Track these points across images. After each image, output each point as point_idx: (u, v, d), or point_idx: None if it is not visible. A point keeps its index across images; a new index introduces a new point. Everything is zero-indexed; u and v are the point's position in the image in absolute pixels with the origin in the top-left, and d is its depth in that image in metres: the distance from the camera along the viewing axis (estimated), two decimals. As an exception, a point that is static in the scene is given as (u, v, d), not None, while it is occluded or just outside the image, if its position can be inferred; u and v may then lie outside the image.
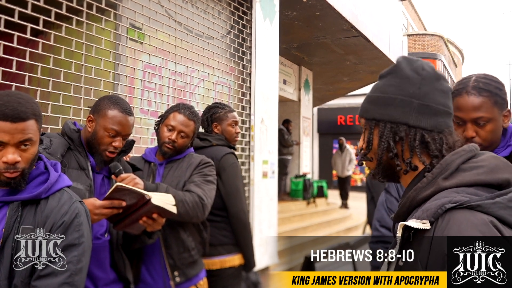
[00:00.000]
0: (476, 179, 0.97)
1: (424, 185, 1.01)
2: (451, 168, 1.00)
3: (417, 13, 21.19)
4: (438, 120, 1.06)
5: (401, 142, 1.05)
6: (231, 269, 2.48)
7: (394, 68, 1.10)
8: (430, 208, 0.93)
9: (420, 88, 1.06)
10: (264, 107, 5.09)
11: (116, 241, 1.91)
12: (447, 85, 1.09)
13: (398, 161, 1.07)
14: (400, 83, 1.07)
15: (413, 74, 1.07)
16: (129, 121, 1.89)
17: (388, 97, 1.07)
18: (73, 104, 3.08)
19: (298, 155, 9.79)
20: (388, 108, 1.07)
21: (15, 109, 1.30)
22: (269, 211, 5.11)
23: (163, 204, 1.81)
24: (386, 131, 1.06)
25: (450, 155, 1.02)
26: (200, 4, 4.42)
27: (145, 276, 2.16)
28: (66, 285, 1.32)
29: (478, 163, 1.00)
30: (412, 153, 1.05)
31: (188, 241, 2.19)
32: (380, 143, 1.07)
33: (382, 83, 1.10)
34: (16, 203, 1.36)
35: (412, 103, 1.05)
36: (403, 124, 1.05)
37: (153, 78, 3.82)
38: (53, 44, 2.99)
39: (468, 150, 1.03)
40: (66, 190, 1.45)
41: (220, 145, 2.58)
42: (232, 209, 2.49)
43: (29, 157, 1.35)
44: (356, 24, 6.72)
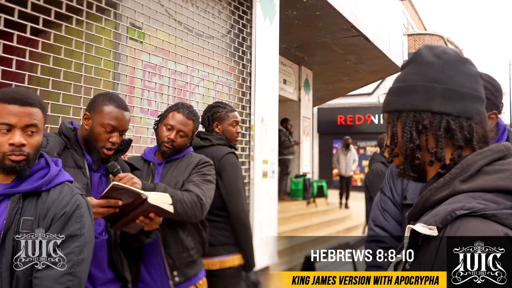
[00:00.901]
0: (497, 184, 0.87)
1: (440, 186, 0.93)
2: (471, 169, 0.91)
3: (417, 13, 21.19)
4: (465, 104, 0.96)
5: (425, 131, 0.97)
6: (230, 269, 2.48)
7: (415, 56, 1.03)
8: (439, 213, 0.86)
9: (443, 72, 0.97)
10: (264, 107, 5.09)
11: (114, 241, 1.91)
12: (475, 69, 1.00)
13: (419, 153, 0.98)
14: (421, 70, 0.99)
15: (434, 59, 0.99)
16: (125, 116, 1.90)
17: (410, 85, 0.99)
18: (73, 103, 3.08)
19: (298, 155, 9.79)
20: (409, 97, 0.99)
21: (23, 95, 1.39)
22: (269, 211, 5.11)
23: (160, 204, 1.80)
24: (408, 120, 0.98)
25: (474, 155, 0.93)
26: (200, 4, 4.42)
27: (144, 276, 2.15)
28: (68, 275, 1.33)
29: (503, 166, 0.90)
30: (438, 142, 0.96)
31: (187, 240, 2.19)
32: (403, 134, 0.99)
33: (403, 73, 1.03)
34: (17, 195, 1.37)
35: (435, 88, 0.96)
36: (426, 111, 0.96)
37: (153, 78, 3.82)
38: (53, 43, 2.99)
39: (496, 150, 0.93)
40: (67, 184, 1.46)
41: (220, 144, 2.57)
42: (232, 209, 2.48)
43: (34, 143, 1.40)
44: (356, 24, 6.72)
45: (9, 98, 1.37)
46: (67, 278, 1.32)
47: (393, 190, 1.82)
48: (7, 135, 1.36)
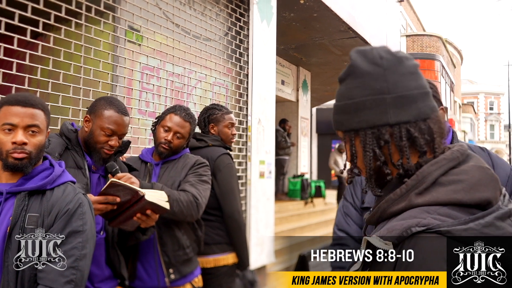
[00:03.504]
0: (452, 197, 0.86)
1: (396, 198, 0.91)
2: (426, 181, 0.89)
3: (415, 14, 21.22)
4: (418, 106, 0.94)
5: (387, 145, 0.94)
6: (225, 268, 2.53)
7: (351, 68, 0.98)
8: (395, 229, 0.85)
9: (387, 80, 0.93)
10: (261, 108, 5.14)
11: (111, 239, 1.97)
12: (412, 63, 0.97)
13: (387, 169, 0.95)
14: (364, 82, 0.95)
15: (373, 68, 0.95)
16: (125, 121, 1.95)
17: (358, 101, 0.95)
18: (72, 105, 3.12)
19: (296, 155, 9.83)
20: (361, 114, 0.95)
21: (25, 97, 1.48)
22: (266, 211, 5.16)
23: (156, 201, 1.86)
24: (368, 139, 0.95)
25: (429, 166, 0.91)
26: (198, 6, 4.47)
27: (140, 273, 2.21)
28: (71, 269, 1.39)
29: (459, 175, 0.89)
30: (403, 154, 0.93)
31: (183, 239, 2.24)
32: (365, 153, 0.96)
33: (345, 88, 0.98)
34: (23, 193, 1.45)
35: (384, 99, 0.93)
36: (384, 125, 0.93)
37: (151, 80, 3.86)
38: (53, 46, 3.03)
39: (451, 158, 0.92)
40: (70, 184, 1.54)
41: (216, 145, 2.62)
42: (227, 209, 2.53)
43: (36, 143, 1.47)
44: (353, 25, 6.77)
45: (12, 100, 1.46)
46: (70, 271, 1.39)
47: (353, 196, 1.92)
48: (10, 134, 1.44)
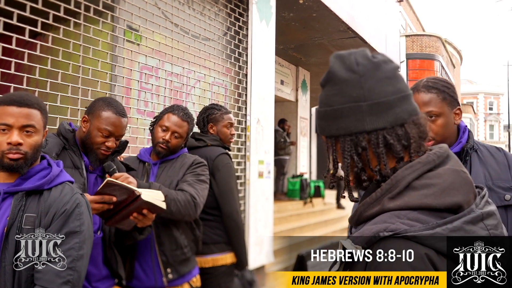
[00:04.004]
0: (421, 202, 0.87)
1: (372, 202, 0.93)
2: (400, 186, 0.90)
3: (415, 14, 21.23)
4: (395, 111, 0.94)
5: (365, 151, 0.95)
6: (223, 267, 2.53)
7: (330, 74, 0.98)
8: (365, 233, 0.87)
9: (363, 87, 0.94)
10: (260, 108, 5.14)
11: (108, 238, 1.97)
12: (390, 66, 0.97)
13: (364, 176, 0.97)
14: (341, 90, 0.96)
15: (349, 75, 0.95)
16: (122, 123, 1.95)
17: (336, 108, 0.96)
18: (71, 104, 3.13)
19: (296, 155, 9.83)
20: (340, 121, 0.96)
21: (21, 97, 1.46)
22: (265, 210, 5.16)
23: (153, 200, 1.86)
24: (346, 145, 0.96)
25: (403, 170, 0.92)
26: (197, 6, 4.47)
27: (138, 273, 2.21)
28: (68, 270, 1.39)
29: (431, 179, 0.90)
30: (380, 160, 0.95)
31: (181, 238, 2.24)
32: (344, 159, 0.97)
33: (325, 94, 1.00)
34: (21, 193, 1.44)
35: (360, 107, 0.94)
36: (360, 133, 0.95)
37: (150, 79, 3.86)
38: (51, 46, 3.03)
39: (426, 162, 0.92)
40: (68, 184, 1.53)
41: (214, 145, 2.62)
42: (225, 209, 2.53)
43: (32, 143, 1.46)
44: (352, 25, 6.78)
45: (8, 100, 1.45)
46: (67, 272, 1.38)
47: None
48: (6, 134, 1.43)
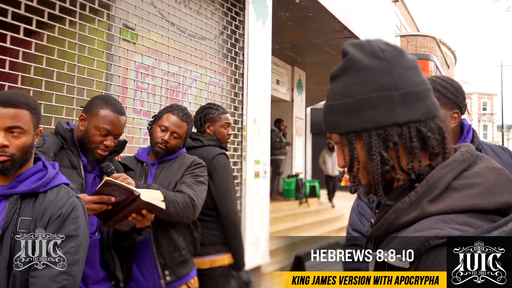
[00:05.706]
0: (469, 204, 0.80)
1: (406, 207, 0.83)
2: (439, 187, 0.82)
3: (410, 14, 21.31)
4: (426, 103, 0.86)
5: (396, 147, 0.85)
6: (221, 268, 2.51)
7: (349, 62, 0.88)
8: (411, 243, 0.78)
9: (393, 75, 0.85)
10: (256, 108, 5.12)
11: (106, 240, 1.94)
12: (412, 57, 0.90)
13: (397, 175, 0.87)
14: (365, 78, 0.86)
15: (376, 62, 0.86)
16: (121, 121, 1.92)
17: (360, 99, 0.85)
18: (66, 104, 3.09)
19: (291, 155, 9.83)
20: (365, 113, 0.85)
21: (8, 97, 1.39)
22: (261, 210, 5.14)
23: (152, 200, 1.83)
24: (373, 141, 0.86)
25: (439, 169, 0.84)
26: (193, 5, 4.44)
27: (136, 275, 2.18)
28: (63, 274, 1.36)
29: (472, 179, 0.83)
30: (413, 157, 0.85)
31: (179, 240, 2.22)
32: (370, 157, 0.87)
33: (342, 86, 0.88)
34: (15, 196, 1.41)
35: (391, 96, 0.84)
36: (391, 125, 0.84)
37: (146, 78, 3.83)
38: (46, 44, 3.00)
39: (461, 160, 0.85)
40: (64, 187, 1.49)
41: (212, 145, 2.60)
42: (223, 210, 2.51)
43: (19, 144, 1.41)
44: (348, 25, 6.78)
45: None
46: (63, 277, 1.35)
47: None
48: None
